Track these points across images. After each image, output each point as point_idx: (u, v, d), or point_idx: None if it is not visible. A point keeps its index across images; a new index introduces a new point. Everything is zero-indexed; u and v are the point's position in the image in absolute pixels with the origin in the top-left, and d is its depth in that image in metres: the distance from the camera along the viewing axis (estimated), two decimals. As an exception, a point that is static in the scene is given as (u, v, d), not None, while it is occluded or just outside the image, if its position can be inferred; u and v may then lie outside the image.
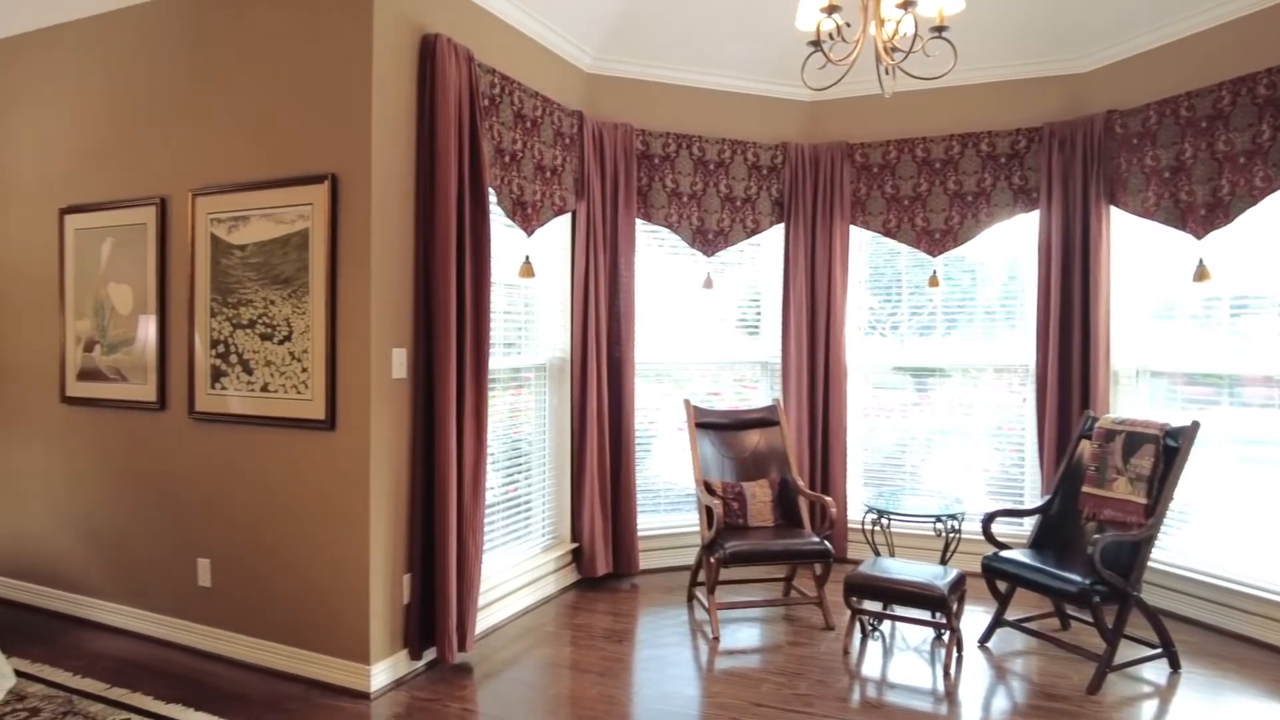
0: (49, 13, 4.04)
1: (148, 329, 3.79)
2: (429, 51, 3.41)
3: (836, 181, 5.07)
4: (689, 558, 4.95)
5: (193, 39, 3.65)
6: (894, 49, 3.10)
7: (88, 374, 3.98)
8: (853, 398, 5.23)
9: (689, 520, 5.06)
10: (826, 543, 3.93)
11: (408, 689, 3.31)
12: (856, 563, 4.99)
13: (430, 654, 3.51)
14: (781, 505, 4.32)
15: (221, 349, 3.54)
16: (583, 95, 4.68)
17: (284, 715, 3.08)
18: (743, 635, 3.94)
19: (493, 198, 3.85)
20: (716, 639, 3.86)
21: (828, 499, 4.06)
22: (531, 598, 4.30)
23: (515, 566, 4.19)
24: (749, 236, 5.04)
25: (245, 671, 3.47)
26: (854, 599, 3.74)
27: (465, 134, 3.50)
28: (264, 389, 3.43)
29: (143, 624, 3.83)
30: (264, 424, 3.45)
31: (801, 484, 4.30)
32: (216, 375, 3.56)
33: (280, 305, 3.38)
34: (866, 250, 5.32)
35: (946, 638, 3.79)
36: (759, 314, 5.31)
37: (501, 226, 4.09)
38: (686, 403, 4.45)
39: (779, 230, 5.15)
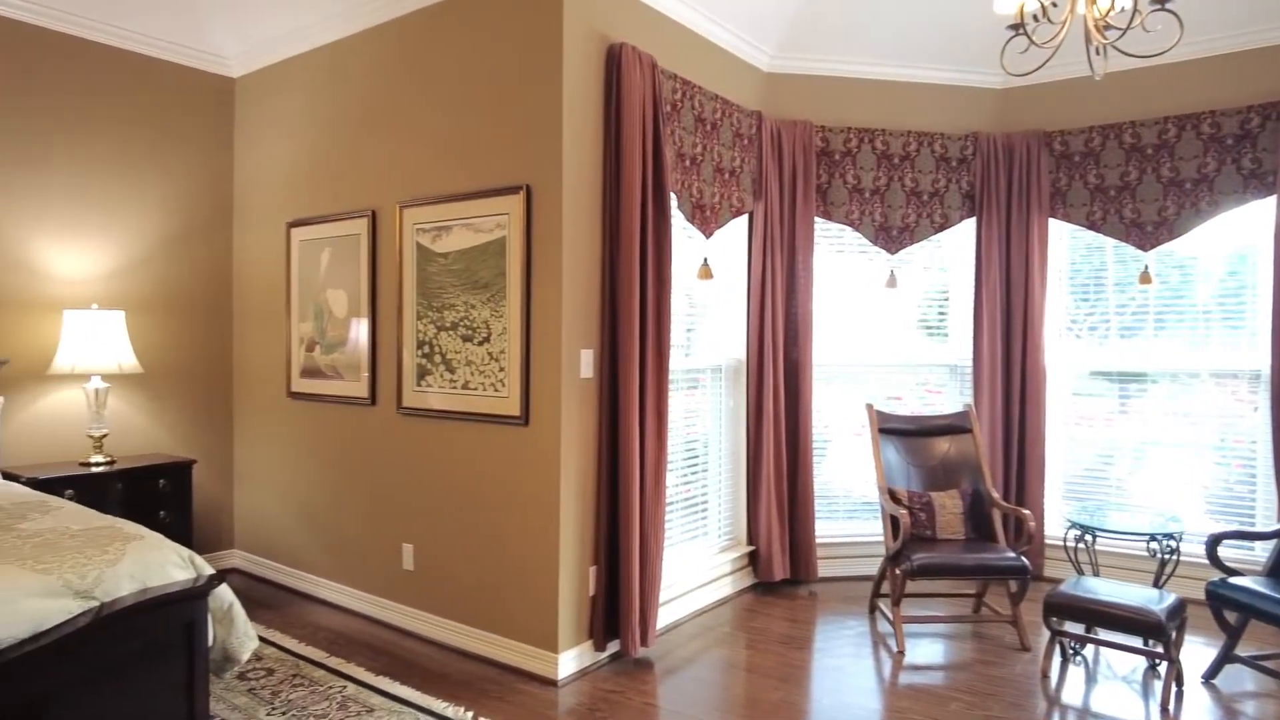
0: (281, 48, 4.51)
1: (360, 331, 4.14)
2: (614, 61, 3.50)
3: (1033, 172, 4.75)
4: (868, 568, 4.81)
5: (398, 65, 3.95)
6: (1108, 26, 2.87)
7: (309, 372, 4.40)
8: (1051, 404, 4.88)
9: (867, 529, 4.90)
10: (1023, 558, 3.69)
11: (592, 679, 3.42)
12: (1054, 581, 4.66)
13: (613, 646, 3.60)
14: (973, 517, 4.10)
15: (426, 349, 3.81)
16: (761, 95, 4.66)
17: (480, 695, 3.26)
18: (928, 650, 3.78)
19: (673, 201, 3.90)
20: (901, 652, 3.72)
21: (1025, 512, 3.81)
22: (708, 598, 4.32)
23: (692, 566, 4.22)
24: (937, 232, 4.82)
25: (443, 651, 3.71)
26: (1054, 620, 3.49)
27: (649, 140, 3.57)
28: (465, 387, 3.66)
29: (354, 601, 4.19)
30: (464, 419, 3.68)
31: (995, 495, 4.06)
32: (421, 374, 3.83)
33: (480, 309, 3.59)
34: (1065, 245, 4.95)
35: (1163, 670, 3.46)
36: (941, 314, 5.07)
37: (678, 229, 4.14)
38: (869, 407, 4.31)
39: (968, 225, 4.89)
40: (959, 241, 5.00)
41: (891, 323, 5.03)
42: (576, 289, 3.43)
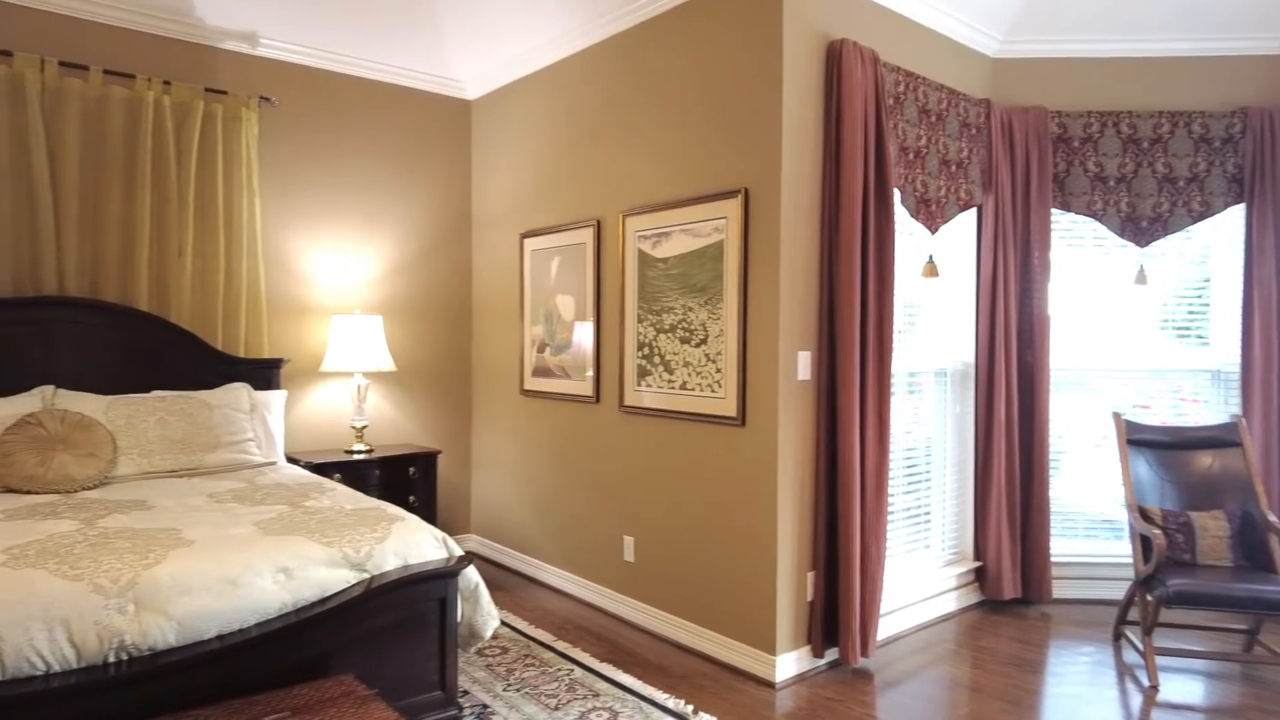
0: (511, 69, 4.85)
1: (585, 333, 4.36)
2: (834, 58, 3.45)
3: (1322, 149, 4.13)
4: (1107, 591, 4.39)
5: (619, 77, 4.12)
6: None
7: (539, 371, 4.71)
8: (1343, 416, 4.21)
9: (1108, 549, 4.47)
10: (1311, 593, 3.23)
11: (809, 684, 3.39)
12: (1348, 621, 4.03)
13: (832, 654, 3.55)
14: (1242, 543, 3.63)
15: (646, 351, 3.95)
16: (988, 82, 4.40)
17: (698, 690, 3.33)
18: (1186, 688, 3.39)
19: (896, 197, 3.78)
20: (1154, 687, 3.37)
21: (1313, 539, 3.32)
22: (931, 613, 4.13)
23: (914, 579, 4.07)
24: (1195, 222, 4.31)
25: (661, 643, 3.82)
26: (1355, 667, 3.02)
27: (870, 136, 3.49)
28: (682, 387, 3.76)
29: (578, 589, 4.43)
30: (682, 418, 3.78)
31: (1273, 519, 3.57)
32: (642, 374, 3.98)
33: (697, 311, 3.68)
34: (1366, 232, 4.25)
35: None
36: (1192, 314, 4.51)
37: (899, 227, 3.99)
38: (1117, 416, 3.94)
39: (1235, 213, 4.34)
40: (1218, 232, 4.44)
41: (1135, 324, 4.55)
42: (794, 290, 3.42)
